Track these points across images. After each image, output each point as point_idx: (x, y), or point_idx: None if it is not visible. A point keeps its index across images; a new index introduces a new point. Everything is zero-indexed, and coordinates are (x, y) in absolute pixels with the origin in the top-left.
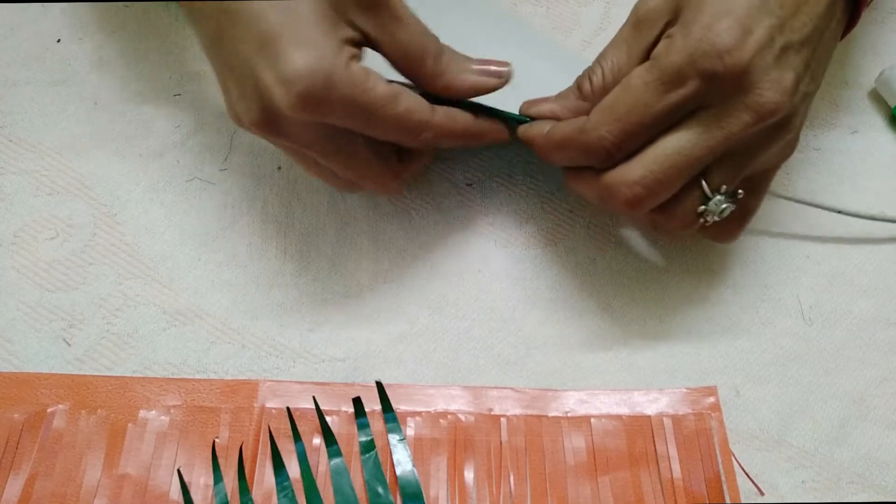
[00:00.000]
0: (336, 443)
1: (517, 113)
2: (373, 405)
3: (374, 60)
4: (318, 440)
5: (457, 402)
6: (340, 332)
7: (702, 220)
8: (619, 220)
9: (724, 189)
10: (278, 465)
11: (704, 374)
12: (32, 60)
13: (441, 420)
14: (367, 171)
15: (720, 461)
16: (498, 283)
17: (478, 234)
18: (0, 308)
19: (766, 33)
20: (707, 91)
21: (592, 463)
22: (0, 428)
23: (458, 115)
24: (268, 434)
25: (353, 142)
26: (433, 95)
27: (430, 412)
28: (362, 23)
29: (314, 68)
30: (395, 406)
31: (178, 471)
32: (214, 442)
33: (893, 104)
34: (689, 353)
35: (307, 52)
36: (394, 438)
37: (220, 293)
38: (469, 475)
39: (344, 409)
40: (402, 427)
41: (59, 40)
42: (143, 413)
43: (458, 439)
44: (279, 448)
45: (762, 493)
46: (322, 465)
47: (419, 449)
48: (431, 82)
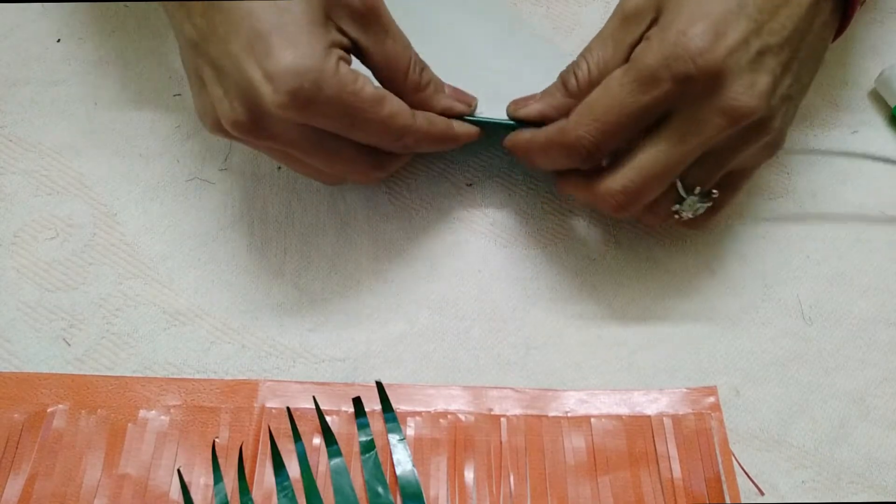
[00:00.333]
0: (336, 443)
1: (505, 116)
2: (373, 405)
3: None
4: (318, 440)
5: (457, 402)
6: (340, 332)
7: (676, 216)
8: (618, 220)
9: (699, 190)
10: (278, 465)
11: (704, 374)
12: (32, 60)
13: (441, 420)
14: (352, 167)
15: (720, 461)
16: (498, 283)
17: (478, 234)
18: (0, 308)
19: (740, 37)
20: (681, 93)
21: (592, 463)
22: (0, 428)
23: (437, 120)
24: (268, 434)
25: (337, 139)
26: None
27: (429, 412)
28: (353, 31)
29: (304, 67)
30: (395, 406)
31: (178, 471)
32: (214, 442)
33: (893, 104)
34: (689, 353)
35: (298, 51)
36: (394, 438)
37: (220, 293)
38: (469, 475)
39: (344, 409)
40: (402, 427)
41: (59, 40)
42: (143, 413)
43: (458, 439)
44: (279, 448)
45: (762, 493)
46: (322, 465)
47: (419, 449)
48: (411, 93)
